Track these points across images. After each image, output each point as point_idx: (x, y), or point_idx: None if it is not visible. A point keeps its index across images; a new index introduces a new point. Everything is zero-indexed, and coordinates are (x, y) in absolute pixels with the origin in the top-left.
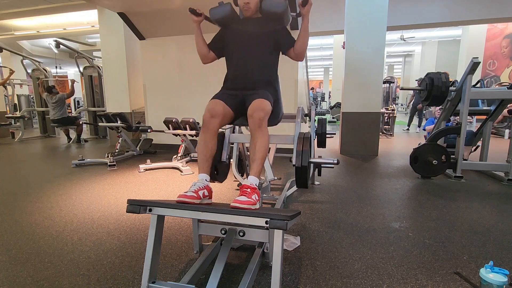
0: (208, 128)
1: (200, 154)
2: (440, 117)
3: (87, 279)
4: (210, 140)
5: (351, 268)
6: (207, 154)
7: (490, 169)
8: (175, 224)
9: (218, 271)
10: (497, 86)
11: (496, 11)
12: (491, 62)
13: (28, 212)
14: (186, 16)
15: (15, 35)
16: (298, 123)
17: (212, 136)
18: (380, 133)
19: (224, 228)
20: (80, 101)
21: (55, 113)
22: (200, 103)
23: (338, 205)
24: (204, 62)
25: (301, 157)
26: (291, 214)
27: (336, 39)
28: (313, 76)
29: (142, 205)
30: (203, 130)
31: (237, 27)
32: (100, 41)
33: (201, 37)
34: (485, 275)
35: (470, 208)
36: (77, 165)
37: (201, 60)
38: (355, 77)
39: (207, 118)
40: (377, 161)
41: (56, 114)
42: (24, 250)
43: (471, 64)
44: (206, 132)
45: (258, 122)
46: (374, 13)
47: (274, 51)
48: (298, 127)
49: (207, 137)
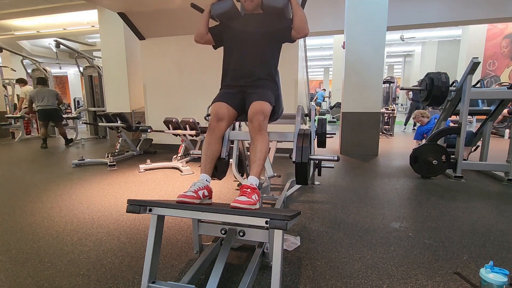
0: (214, 132)
1: (203, 155)
2: (440, 117)
3: (87, 279)
4: (215, 143)
5: (351, 268)
6: (211, 155)
7: (490, 169)
8: (175, 224)
9: (218, 271)
10: (497, 86)
11: (496, 11)
12: (491, 62)
13: (28, 212)
14: (186, 16)
15: (15, 35)
16: (298, 122)
17: (217, 139)
18: (380, 133)
19: (224, 228)
20: (80, 101)
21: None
22: (200, 103)
23: (338, 205)
24: (197, 40)
25: (301, 153)
26: (291, 214)
27: (336, 39)
28: (313, 76)
29: (142, 205)
30: (209, 133)
31: (238, 24)
32: (100, 41)
33: (207, 20)
34: (485, 275)
35: (470, 208)
36: (77, 165)
37: (195, 36)
38: (355, 77)
39: (214, 123)
40: (377, 161)
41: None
42: (24, 250)
43: (471, 64)
44: (212, 134)
45: (258, 126)
46: (374, 13)
47: (276, 48)
48: (298, 125)
49: (212, 140)
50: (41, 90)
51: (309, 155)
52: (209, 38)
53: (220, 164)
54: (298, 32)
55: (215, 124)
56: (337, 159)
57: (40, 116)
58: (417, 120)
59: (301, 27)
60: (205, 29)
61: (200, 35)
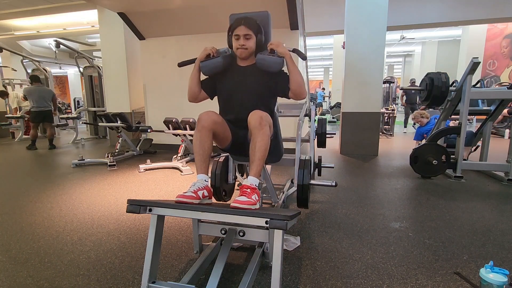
0: (203, 126)
1: (197, 155)
2: (440, 117)
3: (87, 279)
4: (205, 139)
5: (351, 268)
6: (204, 154)
7: (490, 169)
8: (175, 224)
9: (218, 271)
10: (497, 86)
11: (496, 11)
12: (491, 62)
13: (28, 212)
14: (186, 16)
15: (15, 35)
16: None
17: (207, 133)
18: (380, 133)
19: (224, 228)
20: (80, 101)
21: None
22: (200, 103)
23: (338, 205)
24: (192, 101)
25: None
26: (291, 214)
27: (336, 39)
28: (313, 76)
29: (142, 205)
30: (197, 129)
31: (232, 76)
32: (100, 41)
33: (198, 75)
34: (485, 275)
35: (470, 208)
36: (77, 165)
37: (188, 98)
38: (355, 77)
39: (203, 115)
40: (377, 161)
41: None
42: (24, 250)
43: (471, 64)
44: (201, 130)
45: (259, 119)
46: (374, 13)
47: (271, 95)
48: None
49: (202, 136)
50: (36, 89)
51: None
52: (204, 96)
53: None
54: (295, 96)
55: (204, 116)
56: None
57: (33, 117)
58: (416, 121)
59: (299, 92)
60: (198, 88)
61: (194, 96)
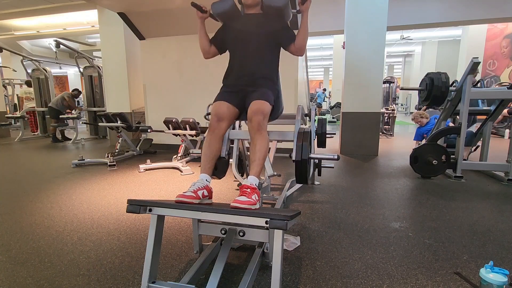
0: (214, 132)
1: (203, 155)
2: (440, 117)
3: (87, 279)
4: (215, 143)
5: (351, 268)
6: (211, 155)
7: (490, 169)
8: (175, 224)
9: (218, 271)
10: (497, 86)
11: (496, 11)
12: (491, 62)
13: (28, 212)
14: (186, 16)
15: (15, 35)
16: (298, 121)
17: (218, 139)
18: (380, 133)
19: (224, 228)
20: (80, 101)
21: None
22: (200, 103)
23: (338, 205)
24: (206, 57)
25: (301, 151)
26: (291, 214)
27: (336, 39)
28: (313, 76)
29: (142, 205)
30: (209, 132)
31: (239, 24)
32: (100, 41)
33: (204, 32)
34: (485, 275)
35: (470, 208)
36: (77, 165)
37: (203, 55)
38: (355, 77)
39: (214, 123)
40: (377, 161)
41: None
42: (24, 250)
43: (471, 64)
44: (212, 134)
45: (257, 125)
46: (374, 13)
47: (275, 48)
48: (298, 125)
49: (212, 140)
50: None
51: (309, 153)
52: (214, 50)
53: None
54: (296, 50)
55: (215, 124)
56: (337, 158)
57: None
58: (416, 121)
59: (301, 46)
60: (207, 43)
61: (205, 52)
